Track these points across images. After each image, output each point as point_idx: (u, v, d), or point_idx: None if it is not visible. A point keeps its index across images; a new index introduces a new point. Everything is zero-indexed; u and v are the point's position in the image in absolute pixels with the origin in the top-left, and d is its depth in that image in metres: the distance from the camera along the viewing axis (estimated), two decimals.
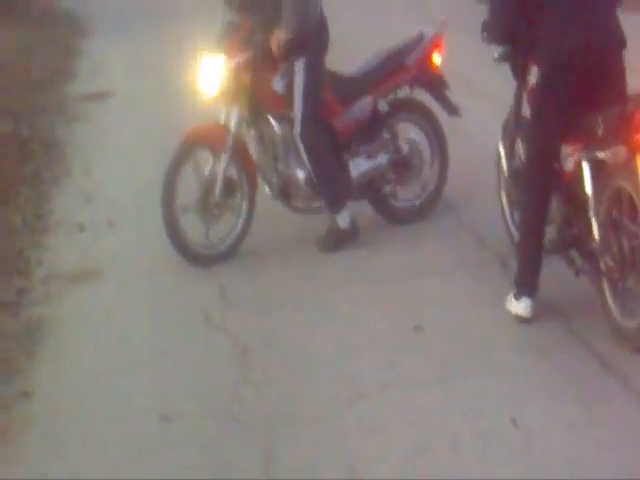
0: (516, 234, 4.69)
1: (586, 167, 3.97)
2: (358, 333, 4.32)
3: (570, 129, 4.05)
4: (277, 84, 5.10)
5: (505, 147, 4.77)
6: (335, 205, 5.13)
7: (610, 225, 3.92)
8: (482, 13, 4.36)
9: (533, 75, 4.23)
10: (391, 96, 5.36)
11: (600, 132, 3.85)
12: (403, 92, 5.45)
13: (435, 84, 5.42)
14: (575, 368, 3.85)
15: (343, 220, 5.13)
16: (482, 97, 7.10)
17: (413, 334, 4.23)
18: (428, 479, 3.28)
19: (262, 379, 4.04)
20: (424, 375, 3.91)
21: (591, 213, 3.96)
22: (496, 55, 4.44)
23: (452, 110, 5.45)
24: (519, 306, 4.16)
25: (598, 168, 3.93)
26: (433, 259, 5.02)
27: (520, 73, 4.44)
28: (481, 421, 3.56)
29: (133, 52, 10.66)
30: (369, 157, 5.27)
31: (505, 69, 4.54)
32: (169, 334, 4.55)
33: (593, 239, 3.97)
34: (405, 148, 5.40)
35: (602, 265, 3.94)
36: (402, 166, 5.39)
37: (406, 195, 5.50)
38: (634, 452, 3.29)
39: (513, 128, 4.67)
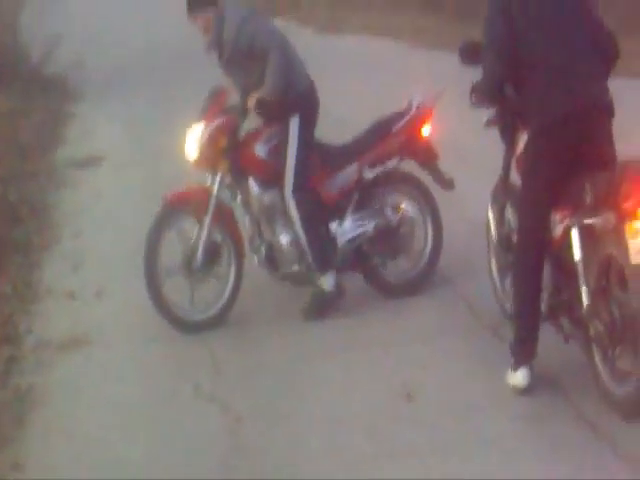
0: (506, 300, 4.72)
1: (575, 234, 3.97)
2: (348, 401, 4.30)
3: (559, 196, 4.06)
4: (260, 149, 5.15)
5: (494, 213, 4.80)
6: (323, 264, 5.11)
7: (599, 292, 3.92)
8: (470, 77, 4.41)
9: (522, 140, 4.27)
10: (379, 167, 5.31)
11: (589, 199, 3.87)
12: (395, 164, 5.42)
13: (425, 155, 5.39)
14: (568, 438, 3.82)
15: (329, 282, 5.12)
16: (473, 164, 7.15)
17: (403, 403, 4.21)
18: None
19: (254, 449, 4.01)
20: (415, 447, 3.88)
21: (580, 280, 3.96)
22: (485, 120, 4.51)
23: (445, 184, 5.44)
24: (516, 377, 4.13)
25: (587, 235, 3.94)
26: (423, 326, 5.01)
27: (508, 138, 4.46)
28: None
29: (124, 117, 10.74)
30: (356, 225, 5.25)
31: (495, 135, 4.58)
32: (160, 403, 4.52)
33: (582, 306, 3.97)
34: (395, 219, 5.34)
35: (592, 332, 3.93)
36: (391, 237, 5.33)
37: (398, 268, 5.44)
38: None
39: (502, 194, 4.70)
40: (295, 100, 5.10)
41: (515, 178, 4.51)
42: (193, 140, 5.12)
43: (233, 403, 4.39)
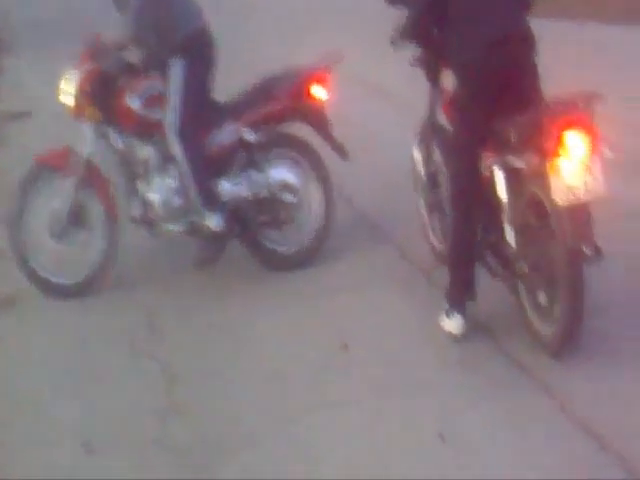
0: (435, 240, 4.79)
1: (499, 173, 4.01)
2: (283, 354, 4.30)
3: (487, 137, 4.07)
4: (133, 100, 4.88)
5: (421, 153, 4.83)
6: (209, 201, 4.82)
7: (524, 231, 3.95)
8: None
9: (446, 79, 4.31)
10: (266, 128, 5.00)
11: (513, 139, 3.88)
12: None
13: (316, 120, 5.06)
14: (501, 381, 3.88)
15: (216, 221, 4.81)
16: (399, 104, 7.14)
17: (339, 353, 4.22)
18: None
19: (190, 406, 3.99)
20: (351, 395, 3.90)
21: (506, 220, 3.99)
22: (411, 59, 4.50)
23: (340, 152, 5.13)
24: (450, 324, 4.15)
25: (512, 175, 3.97)
26: (354, 273, 5.01)
27: (433, 78, 4.50)
28: (409, 439, 3.57)
29: (53, 69, 10.47)
30: (233, 188, 4.94)
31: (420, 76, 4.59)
32: (94, 362, 4.46)
33: (508, 245, 4.00)
34: (278, 186, 5.02)
35: (518, 271, 3.98)
36: (273, 205, 5.04)
37: (283, 239, 5.16)
38: (558, 462, 3.33)
39: (428, 134, 4.73)
40: (178, 43, 4.81)
41: (441, 118, 4.55)
42: (65, 88, 4.93)
43: (169, 361, 4.35)
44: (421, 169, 4.85)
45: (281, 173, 5.05)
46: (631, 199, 5.20)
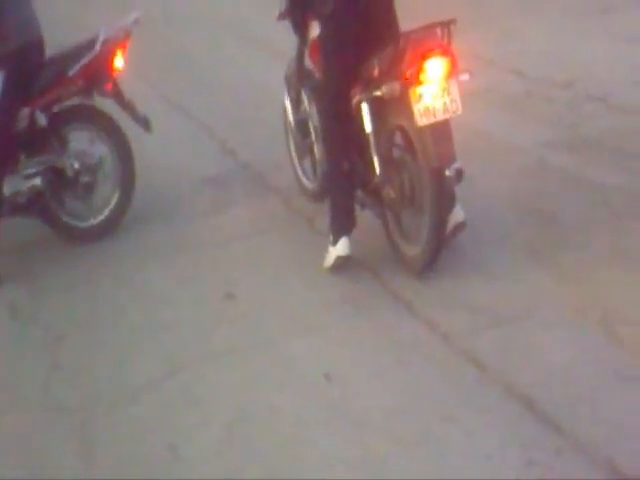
0: (307, 182, 4.93)
1: (365, 107, 4.10)
2: (169, 307, 4.27)
3: (353, 75, 4.17)
4: None
5: (291, 99, 4.91)
6: None
7: (389, 160, 4.12)
8: None
9: (313, 29, 4.40)
10: (56, 108, 4.82)
11: (376, 72, 4.00)
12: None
13: (115, 92, 4.90)
14: (385, 317, 3.96)
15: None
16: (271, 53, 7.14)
17: (224, 302, 4.22)
18: (248, 443, 3.28)
19: (74, 365, 3.94)
20: (237, 344, 3.90)
21: (372, 150, 4.12)
22: (277, 14, 4.59)
23: (142, 124, 4.98)
24: (338, 249, 4.22)
25: (376, 107, 4.08)
26: (239, 224, 5.00)
27: (300, 29, 4.59)
28: (296, 382, 3.60)
29: None
30: (26, 177, 4.76)
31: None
32: None
33: (375, 174, 4.13)
34: (74, 163, 4.85)
35: (385, 199, 4.15)
36: (71, 182, 4.89)
37: (83, 213, 5.05)
38: (443, 393, 3.42)
39: (297, 81, 4.82)
40: (3, 54, 4.58)
41: (308, 64, 4.65)
42: None
43: (53, 322, 4.29)
44: (290, 115, 4.96)
45: (79, 147, 4.94)
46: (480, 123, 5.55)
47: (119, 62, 4.83)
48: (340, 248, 4.22)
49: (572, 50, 7.10)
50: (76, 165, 4.86)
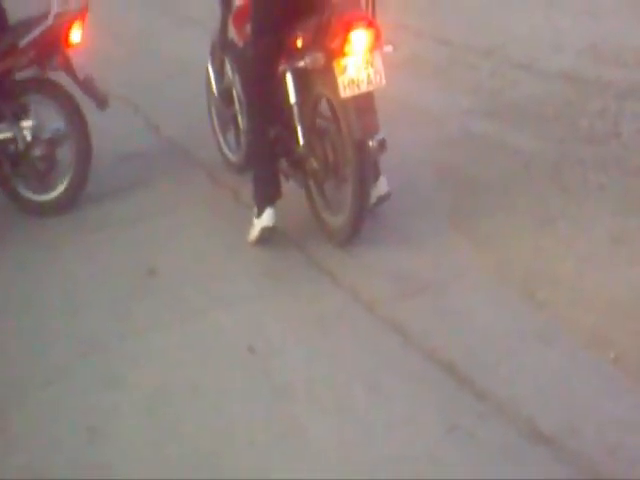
0: (229, 153, 4.94)
1: (289, 77, 4.08)
2: (88, 285, 4.19)
3: (278, 44, 4.11)
4: None
5: (214, 69, 4.89)
6: None
7: (313, 130, 4.11)
8: None
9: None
10: (9, 79, 4.71)
11: (301, 43, 3.97)
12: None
13: (65, 66, 4.75)
14: (309, 289, 3.94)
15: None
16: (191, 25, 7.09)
17: (146, 278, 4.15)
18: (168, 421, 3.23)
19: None
20: (158, 319, 3.84)
21: (296, 121, 4.10)
22: None
23: (98, 101, 4.87)
24: (263, 220, 4.19)
25: (301, 77, 4.06)
26: (162, 199, 4.93)
27: (225, 1, 4.62)
28: (218, 356, 3.55)
29: None
30: None
31: None
32: None
33: (299, 145, 4.12)
34: (26, 136, 4.76)
35: (308, 169, 4.14)
36: (22, 154, 4.80)
37: (41, 187, 4.94)
38: (367, 361, 3.40)
39: (220, 51, 4.79)
40: None
41: (231, 34, 4.66)
42: None
43: None
44: (214, 85, 4.92)
45: (34, 120, 4.80)
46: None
47: (75, 36, 4.71)
48: (265, 219, 4.18)
49: (495, 18, 7.15)
50: (28, 137, 4.76)
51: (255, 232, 4.24)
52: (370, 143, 3.85)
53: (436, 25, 7.25)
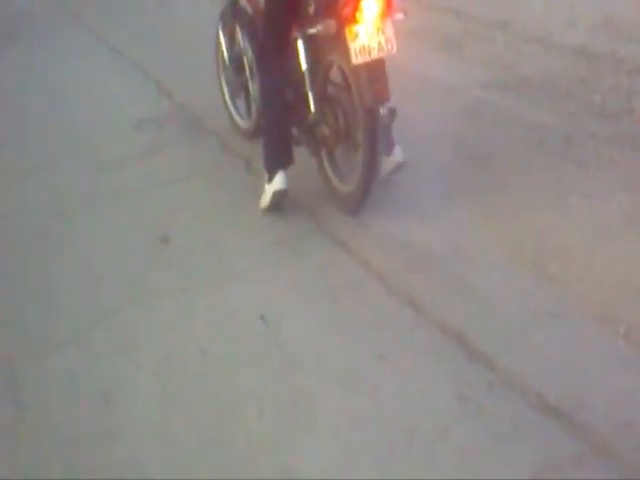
0: (240, 120, 4.98)
1: (300, 45, 4.12)
2: (101, 254, 4.20)
3: (291, 12, 4.13)
4: None
5: (225, 37, 4.92)
6: None
7: (324, 97, 4.14)
8: None
9: None
10: None
11: (311, 10, 4.01)
12: None
13: None
14: (321, 258, 3.94)
15: None
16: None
17: (159, 246, 4.16)
18: (179, 389, 3.26)
19: (7, 317, 3.84)
20: (171, 287, 3.85)
21: (307, 87, 4.14)
22: None
23: None
24: (275, 183, 4.20)
25: (312, 44, 4.10)
26: (174, 166, 4.93)
27: None
28: (230, 325, 3.57)
29: None
30: None
31: None
32: None
33: (310, 112, 4.15)
34: None
35: (319, 135, 4.18)
36: None
37: None
38: (378, 333, 3.42)
39: (231, 17, 4.82)
40: None
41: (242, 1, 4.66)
42: None
43: None
44: (225, 52, 4.96)
45: None
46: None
47: None
48: (276, 182, 4.21)
49: None
50: None
51: (267, 197, 4.26)
52: (381, 110, 3.87)
53: None
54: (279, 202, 4.25)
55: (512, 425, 2.89)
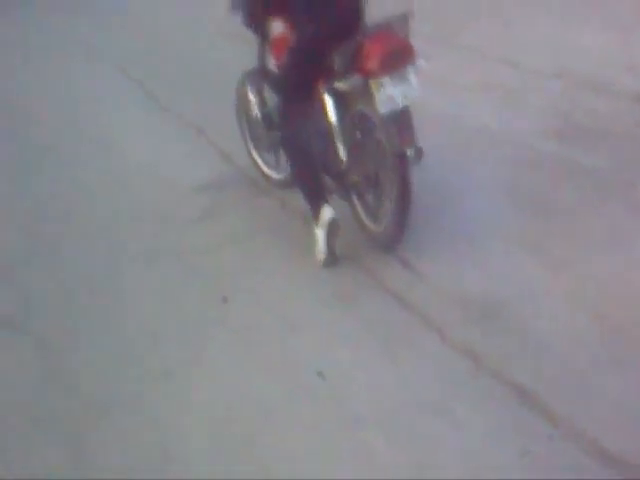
0: (273, 173, 5.22)
1: (328, 98, 4.30)
2: (162, 310, 4.26)
3: (319, 67, 4.28)
4: None
5: (256, 97, 5.15)
6: None
7: (353, 145, 4.32)
8: None
9: (275, 28, 4.68)
10: None
11: (338, 65, 4.14)
12: None
13: None
14: (377, 311, 3.95)
15: None
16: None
17: (219, 306, 4.19)
18: (238, 447, 3.25)
19: (65, 374, 3.90)
20: (230, 345, 3.89)
21: (337, 139, 4.34)
22: (242, 19, 4.84)
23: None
24: (323, 216, 4.32)
25: (339, 97, 4.29)
26: (236, 227, 4.98)
27: (262, 31, 4.84)
28: (288, 380, 3.57)
29: None
30: None
31: None
32: None
33: (341, 161, 4.35)
34: None
35: (350, 183, 4.39)
36: None
37: None
38: (436, 386, 3.39)
39: (259, 78, 5.06)
40: None
41: (269, 63, 4.93)
42: None
43: (42, 334, 4.25)
44: (256, 111, 5.17)
45: None
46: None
47: None
48: (324, 215, 4.32)
49: (566, 37, 7.08)
50: None
51: (320, 241, 4.34)
52: (408, 153, 4.03)
53: (503, 46, 7.22)
54: (334, 233, 4.32)
55: (574, 476, 2.83)
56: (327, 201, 4.36)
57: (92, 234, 5.18)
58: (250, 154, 5.44)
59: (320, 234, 4.33)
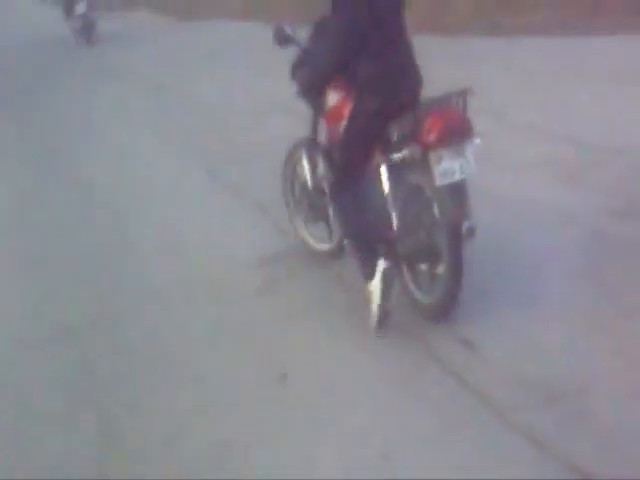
0: (323, 244, 5.32)
1: (383, 169, 4.39)
2: (223, 390, 4.24)
3: (375, 139, 4.40)
4: None
5: (309, 166, 5.25)
6: None
7: (406, 216, 4.40)
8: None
9: (331, 99, 4.72)
10: None
11: (394, 137, 4.29)
12: None
13: None
14: (435, 391, 3.90)
15: None
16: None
17: (277, 383, 4.17)
18: None
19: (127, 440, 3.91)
20: (291, 424, 3.85)
21: (390, 208, 4.40)
22: (296, 91, 4.98)
23: None
24: (380, 267, 4.34)
25: (395, 168, 4.36)
26: (294, 301, 4.99)
27: (317, 105, 4.93)
28: (351, 463, 3.53)
29: None
30: None
31: None
32: None
33: (392, 230, 4.41)
34: None
35: (400, 251, 4.43)
36: None
37: None
38: (500, 472, 3.32)
39: (313, 149, 5.21)
40: None
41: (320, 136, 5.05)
42: None
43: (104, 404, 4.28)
44: (309, 181, 5.29)
45: None
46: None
47: None
48: (380, 265, 4.33)
49: (622, 115, 7.07)
50: None
51: (376, 297, 4.36)
52: (463, 226, 4.08)
53: (565, 124, 7.24)
54: (390, 285, 4.32)
55: None
56: (381, 257, 4.37)
57: (152, 313, 5.22)
58: (295, 229, 5.60)
59: (376, 287, 4.35)
